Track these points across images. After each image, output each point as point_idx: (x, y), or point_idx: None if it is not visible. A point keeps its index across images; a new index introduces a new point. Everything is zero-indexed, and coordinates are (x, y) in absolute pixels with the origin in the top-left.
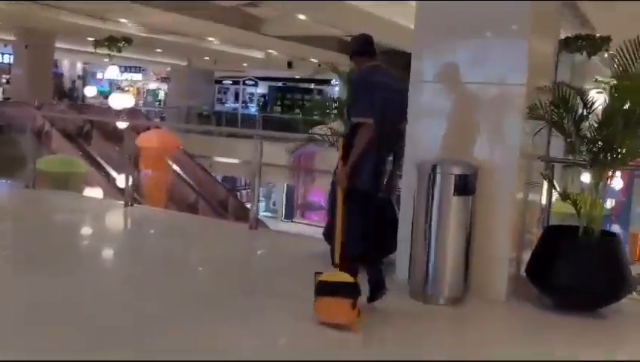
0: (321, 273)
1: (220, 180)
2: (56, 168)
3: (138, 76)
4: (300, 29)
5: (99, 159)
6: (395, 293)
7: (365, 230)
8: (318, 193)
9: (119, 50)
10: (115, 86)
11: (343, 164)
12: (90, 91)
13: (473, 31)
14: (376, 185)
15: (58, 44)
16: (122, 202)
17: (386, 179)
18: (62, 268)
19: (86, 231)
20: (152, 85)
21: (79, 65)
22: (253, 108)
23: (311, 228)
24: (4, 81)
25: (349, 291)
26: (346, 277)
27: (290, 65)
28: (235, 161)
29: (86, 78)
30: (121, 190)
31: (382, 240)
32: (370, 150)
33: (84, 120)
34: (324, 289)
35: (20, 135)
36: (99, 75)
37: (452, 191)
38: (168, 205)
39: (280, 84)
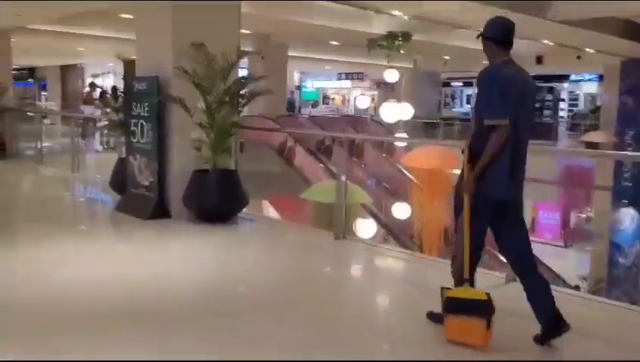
0: (449, 288)
1: None
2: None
3: (347, 83)
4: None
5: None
6: None
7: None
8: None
9: (398, 49)
10: (322, 94)
11: (469, 169)
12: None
13: None
14: (512, 189)
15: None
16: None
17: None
18: None
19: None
20: (356, 92)
21: (296, 75)
22: None
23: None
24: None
25: (483, 310)
26: (478, 293)
27: (539, 60)
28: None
29: (301, 87)
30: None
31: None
32: (502, 153)
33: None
34: (454, 306)
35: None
36: (308, 84)
37: None
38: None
39: None
